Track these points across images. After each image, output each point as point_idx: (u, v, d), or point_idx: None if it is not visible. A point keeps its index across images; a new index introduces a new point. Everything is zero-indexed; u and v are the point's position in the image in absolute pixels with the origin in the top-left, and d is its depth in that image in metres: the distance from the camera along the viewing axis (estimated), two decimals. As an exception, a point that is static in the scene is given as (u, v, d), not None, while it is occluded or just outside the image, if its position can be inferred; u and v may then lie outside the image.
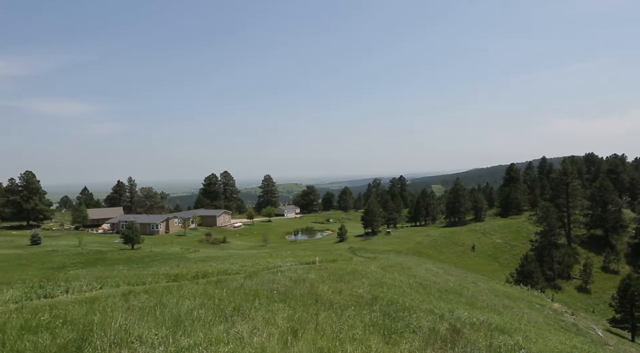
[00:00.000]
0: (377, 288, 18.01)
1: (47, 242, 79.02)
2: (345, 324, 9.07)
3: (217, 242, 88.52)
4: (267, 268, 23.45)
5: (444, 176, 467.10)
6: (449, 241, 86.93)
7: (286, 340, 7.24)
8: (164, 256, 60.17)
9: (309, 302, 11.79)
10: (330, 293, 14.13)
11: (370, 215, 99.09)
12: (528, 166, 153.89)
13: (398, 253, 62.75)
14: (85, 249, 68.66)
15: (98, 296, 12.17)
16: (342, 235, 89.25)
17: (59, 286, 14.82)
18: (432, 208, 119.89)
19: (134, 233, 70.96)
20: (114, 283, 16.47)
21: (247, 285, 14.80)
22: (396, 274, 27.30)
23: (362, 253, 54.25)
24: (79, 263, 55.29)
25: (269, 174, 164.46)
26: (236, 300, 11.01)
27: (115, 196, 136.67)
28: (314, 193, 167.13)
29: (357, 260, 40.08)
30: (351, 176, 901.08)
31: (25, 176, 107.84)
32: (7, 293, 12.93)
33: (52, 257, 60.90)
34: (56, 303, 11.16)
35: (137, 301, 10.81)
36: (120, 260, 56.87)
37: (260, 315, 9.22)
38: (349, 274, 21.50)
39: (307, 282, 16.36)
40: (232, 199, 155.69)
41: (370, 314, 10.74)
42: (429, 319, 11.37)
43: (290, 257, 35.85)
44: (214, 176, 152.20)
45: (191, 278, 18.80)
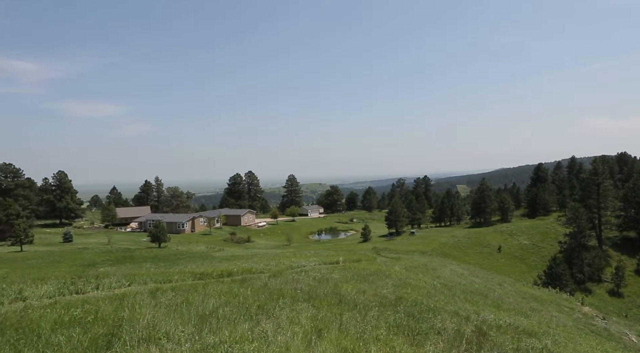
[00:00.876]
0: (401, 288, 17.88)
1: (79, 240, 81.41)
2: (369, 324, 9.04)
3: (242, 241, 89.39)
4: (290, 268, 23.59)
5: (469, 176, 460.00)
6: (475, 242, 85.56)
7: (310, 340, 7.27)
8: (189, 255, 61.12)
9: (332, 302, 11.80)
10: (354, 293, 14.11)
11: (394, 215, 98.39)
12: (557, 166, 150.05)
13: (422, 254, 62.13)
14: (114, 247, 70.39)
15: (127, 293, 12.48)
16: (365, 235, 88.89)
17: (90, 283, 15.26)
18: (457, 208, 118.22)
19: (161, 231, 72.34)
20: (142, 281, 16.86)
21: (272, 284, 14.91)
22: (420, 275, 27.07)
23: (386, 254, 53.95)
24: (108, 260, 56.68)
25: (292, 174, 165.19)
26: (260, 299, 11.11)
27: (143, 195, 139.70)
28: (338, 193, 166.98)
29: (381, 260, 39.90)
30: (375, 176, 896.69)
31: (58, 175, 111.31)
32: (41, 289, 13.40)
33: (83, 254, 62.64)
34: (87, 299, 11.50)
35: (164, 299, 11.03)
36: (147, 258, 58.04)
37: (285, 314, 9.28)
38: (373, 274, 21.42)
39: (331, 282, 16.38)
40: (256, 199, 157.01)
41: (394, 315, 10.67)
42: (454, 321, 11.22)
43: (314, 257, 35.94)
44: (239, 176, 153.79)
45: (216, 276, 19.08)
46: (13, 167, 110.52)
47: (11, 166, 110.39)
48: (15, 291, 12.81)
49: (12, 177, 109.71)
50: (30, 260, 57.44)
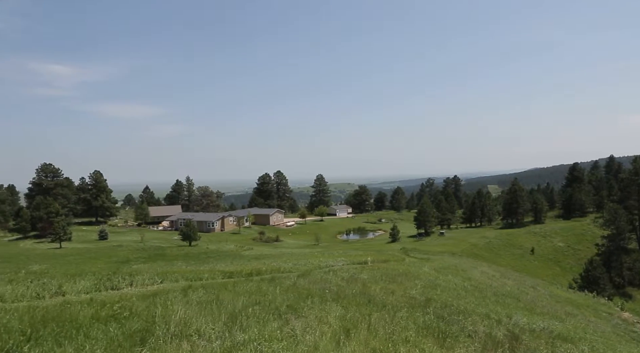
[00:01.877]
0: (431, 290, 17.68)
1: (113, 237, 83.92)
2: (398, 326, 8.98)
3: (270, 240, 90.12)
4: (319, 267, 23.66)
5: (501, 176, 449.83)
6: (506, 244, 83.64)
7: (339, 340, 7.28)
8: (219, 254, 62.08)
9: (361, 302, 11.78)
10: (383, 294, 14.04)
11: (423, 215, 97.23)
12: (594, 166, 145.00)
13: (452, 255, 61.16)
14: (147, 245, 72.23)
15: (159, 290, 12.80)
16: (394, 235, 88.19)
17: (124, 280, 15.72)
18: (488, 208, 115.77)
19: (192, 230, 73.76)
20: (173, 278, 17.25)
21: (300, 283, 14.99)
22: (450, 276, 26.67)
23: (415, 254, 53.38)
24: (141, 258, 58.19)
25: (321, 174, 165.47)
26: (289, 298, 11.20)
27: (174, 194, 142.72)
28: (366, 192, 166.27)
29: (410, 260, 39.50)
30: (404, 175, 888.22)
31: (94, 175, 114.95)
32: (79, 284, 13.90)
33: (118, 252, 64.54)
34: (122, 295, 11.86)
35: (195, 296, 11.26)
36: (178, 256, 59.27)
37: (313, 313, 9.32)
38: (402, 275, 21.26)
39: (359, 282, 16.34)
40: (285, 199, 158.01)
41: (423, 316, 10.56)
42: (485, 324, 11.02)
43: (342, 257, 35.92)
44: (268, 176, 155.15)
45: (245, 275, 19.32)
46: (53, 167, 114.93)
47: (51, 166, 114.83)
48: (56, 286, 13.34)
49: (52, 176, 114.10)
50: (68, 256, 59.62)
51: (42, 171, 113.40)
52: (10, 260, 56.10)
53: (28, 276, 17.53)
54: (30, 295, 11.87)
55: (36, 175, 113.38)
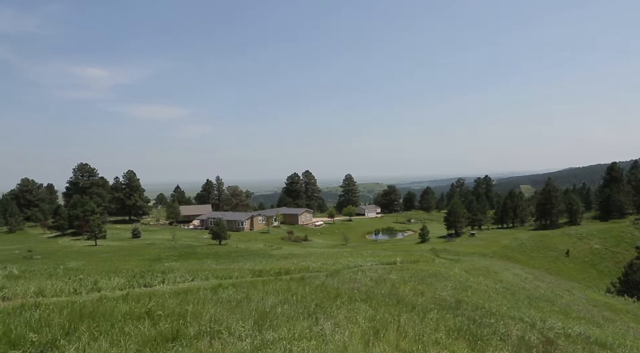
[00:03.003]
0: (461, 291, 17.38)
1: (146, 236, 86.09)
2: (428, 327, 8.84)
3: (299, 240, 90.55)
4: (347, 267, 23.59)
5: (534, 176, 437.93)
6: (540, 245, 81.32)
7: (368, 340, 7.23)
8: (248, 252, 62.78)
9: (390, 303, 11.67)
10: (412, 295, 13.88)
11: (454, 216, 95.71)
12: (633, 165, 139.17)
13: (483, 256, 59.96)
14: (178, 243, 73.76)
15: (190, 288, 13.02)
16: (423, 235, 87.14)
17: (156, 277, 16.06)
18: (520, 209, 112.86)
19: (221, 229, 74.86)
20: (203, 276, 17.51)
21: (329, 283, 14.98)
22: (481, 278, 26.16)
23: (445, 255, 52.63)
24: (173, 256, 59.45)
25: (349, 174, 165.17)
26: (318, 298, 11.20)
27: (204, 194, 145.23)
28: (395, 192, 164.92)
29: (440, 261, 38.97)
30: (433, 175, 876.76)
31: (127, 175, 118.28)
32: (114, 281, 14.28)
33: (150, 250, 66.14)
34: (154, 292, 12.11)
35: (225, 295, 11.39)
36: (209, 255, 60.25)
37: (342, 313, 9.29)
38: (431, 276, 20.98)
39: (388, 282, 16.21)
40: (314, 198, 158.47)
41: (454, 318, 10.37)
42: (518, 327, 10.73)
43: (371, 257, 35.74)
44: (296, 175, 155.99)
45: (274, 274, 19.45)
46: (89, 167, 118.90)
47: (87, 166, 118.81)
48: (92, 282, 13.75)
49: (87, 176, 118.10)
50: (103, 253, 61.50)
51: (78, 170, 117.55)
52: (49, 256, 58.34)
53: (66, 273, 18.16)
54: (68, 291, 12.27)
55: (73, 175, 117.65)
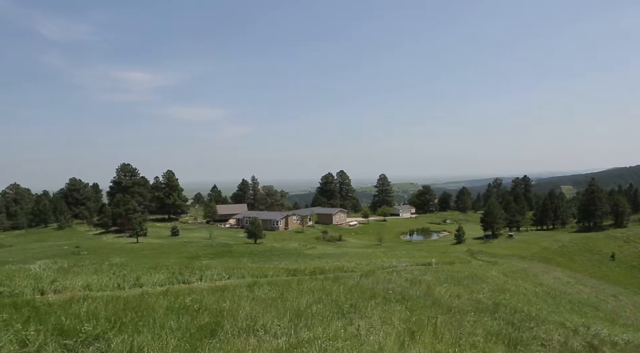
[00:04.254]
0: (499, 294, 16.99)
1: (184, 234, 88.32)
2: (465, 330, 8.71)
3: (333, 240, 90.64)
4: (382, 268, 23.48)
5: (576, 176, 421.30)
6: (582, 248, 78.20)
7: (403, 341, 7.19)
8: (283, 252, 63.38)
9: (425, 304, 11.56)
10: (448, 297, 13.69)
11: (491, 217, 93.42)
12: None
13: (521, 259, 58.28)
14: (215, 241, 75.28)
15: (227, 286, 13.31)
16: (459, 236, 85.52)
17: (194, 274, 16.47)
18: (561, 210, 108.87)
19: (257, 228, 75.86)
20: (239, 275, 17.83)
21: (363, 283, 14.97)
22: (520, 281, 25.47)
23: (482, 257, 51.53)
24: (210, 254, 60.72)
25: (384, 174, 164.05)
26: (353, 298, 11.21)
27: (240, 193, 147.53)
28: (430, 192, 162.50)
29: (476, 263, 38.22)
30: (469, 175, 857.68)
31: (167, 174, 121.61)
32: (154, 277, 14.78)
33: (188, 247, 67.82)
34: (193, 288, 12.46)
35: (261, 293, 11.58)
36: (244, 253, 61.21)
37: (377, 314, 9.28)
38: (468, 278, 20.61)
39: (424, 284, 16.04)
40: (348, 198, 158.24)
41: (492, 321, 10.18)
42: (560, 333, 10.41)
43: (406, 257, 35.43)
44: (330, 175, 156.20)
45: (309, 273, 19.59)
46: (130, 167, 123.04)
47: (129, 166, 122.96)
48: (134, 278, 14.26)
49: (129, 176, 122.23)
50: (144, 250, 63.56)
51: (121, 170, 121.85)
52: (95, 252, 60.83)
53: (110, 268, 18.91)
54: (112, 285, 12.79)
55: (116, 174, 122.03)
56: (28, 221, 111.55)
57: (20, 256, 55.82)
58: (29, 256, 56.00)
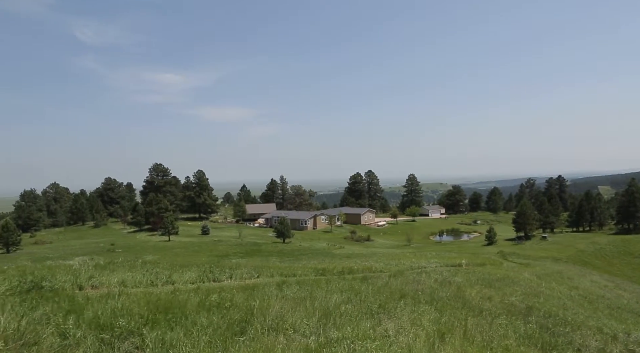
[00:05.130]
0: (532, 297, 16.56)
1: (214, 233, 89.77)
2: (496, 333, 8.53)
3: (361, 240, 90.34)
4: (411, 268, 23.26)
5: (614, 176, 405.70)
6: (622, 251, 75.23)
7: (433, 343, 7.10)
8: (311, 251, 63.58)
9: (456, 306, 11.39)
10: (479, 299, 13.45)
11: (523, 218, 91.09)
12: None
13: (556, 261, 56.61)
14: (244, 240, 76.21)
15: (256, 284, 13.46)
16: (490, 237, 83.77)
17: (224, 273, 16.73)
18: (598, 212, 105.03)
19: (285, 228, 76.38)
20: (269, 273, 18.01)
21: (392, 284, 14.86)
22: (554, 284, 24.74)
23: (514, 259, 50.37)
24: (239, 253, 61.54)
25: (413, 174, 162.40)
26: (382, 298, 11.16)
27: (269, 193, 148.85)
28: (460, 193, 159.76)
29: (508, 265, 37.37)
30: (500, 175, 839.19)
31: (197, 174, 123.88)
32: (185, 275, 15.09)
33: (218, 246, 68.91)
34: (223, 287, 12.66)
35: (290, 292, 11.66)
36: (273, 252, 61.74)
37: (406, 315, 9.19)
38: (499, 280, 20.17)
39: (454, 285, 15.80)
40: (376, 198, 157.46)
41: (525, 325, 9.93)
42: (597, 338, 10.07)
43: (435, 258, 35.00)
44: (359, 175, 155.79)
45: (337, 273, 19.59)
46: (162, 166, 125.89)
47: (161, 165, 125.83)
48: (166, 275, 14.61)
49: (162, 175, 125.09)
50: (175, 248, 64.98)
51: (153, 170, 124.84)
52: (129, 249, 62.61)
53: (144, 266, 19.39)
54: (146, 282, 13.13)
55: (149, 174, 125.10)
56: (67, 219, 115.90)
57: (59, 253, 58.05)
58: (67, 252, 58.20)
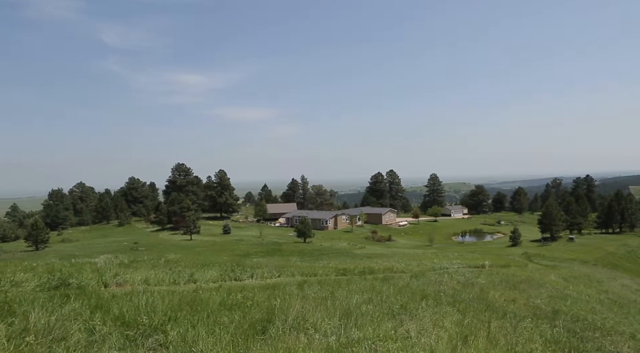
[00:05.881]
0: (558, 300, 16.16)
1: (235, 232, 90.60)
2: (521, 337, 8.35)
3: (382, 240, 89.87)
4: (432, 269, 23.02)
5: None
6: (654, 254, 72.91)
7: (455, 345, 6.99)
8: (332, 251, 63.51)
9: (479, 308, 11.20)
10: (503, 301, 13.20)
11: (549, 218, 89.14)
12: None
13: (583, 263, 55.18)
14: (265, 240, 76.68)
15: (277, 284, 13.51)
16: (515, 238, 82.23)
17: (246, 272, 16.86)
18: (629, 212, 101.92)
19: (306, 227, 76.53)
20: (289, 273, 18.07)
21: (414, 284, 14.72)
22: (582, 287, 24.11)
23: (539, 260, 49.32)
24: (260, 252, 61.90)
25: (435, 173, 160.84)
26: (403, 299, 11.05)
27: (290, 192, 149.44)
28: (484, 192, 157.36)
29: (533, 267, 36.64)
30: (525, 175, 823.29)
31: (219, 174, 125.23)
32: (207, 273, 15.26)
33: (239, 245, 69.47)
34: (244, 286, 12.74)
35: (311, 291, 11.65)
36: (294, 252, 61.89)
37: (428, 316, 9.08)
38: (524, 282, 19.78)
39: (477, 287, 15.56)
40: (398, 198, 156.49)
41: (551, 329, 9.69)
42: (630, 345, 9.76)
43: (457, 259, 34.60)
44: (380, 175, 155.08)
45: (358, 273, 19.52)
46: (185, 166, 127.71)
47: (183, 165, 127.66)
48: (188, 274, 14.80)
49: (184, 175, 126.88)
50: (197, 247, 65.79)
51: (176, 170, 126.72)
52: (152, 248, 63.67)
53: (166, 264, 19.70)
54: (168, 281, 13.33)
55: (171, 174, 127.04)
56: (92, 217, 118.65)
57: (85, 251, 59.47)
58: (93, 250, 59.57)
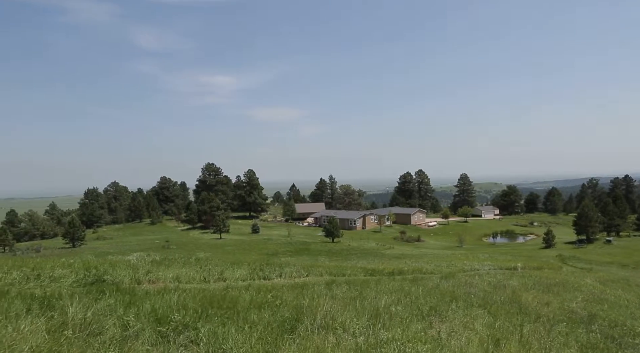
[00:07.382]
0: (595, 304, 15.61)
1: (264, 231, 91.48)
2: (555, 341, 8.11)
3: (411, 240, 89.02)
4: (463, 270, 22.66)
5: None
6: (700, 257, 69.54)
7: (487, 349, 6.85)
8: (360, 251, 63.32)
9: (511, 311, 10.94)
10: (536, 304, 12.84)
11: (585, 220, 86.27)
12: None
13: (622, 267, 53.16)
14: (293, 239, 77.13)
15: (306, 283, 13.56)
16: (548, 240, 80.00)
17: (274, 271, 16.99)
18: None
19: (334, 227, 76.56)
20: (318, 273, 18.10)
21: (443, 285, 14.52)
22: (620, 291, 23.21)
23: (574, 263, 47.90)
24: (288, 251, 62.31)
25: (465, 173, 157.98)
26: (432, 300, 10.91)
27: (318, 192, 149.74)
28: (516, 193, 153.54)
29: (568, 269, 35.58)
30: (559, 175, 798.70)
31: (248, 173, 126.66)
32: (237, 272, 15.46)
33: (267, 244, 70.13)
34: (273, 285, 12.85)
35: (339, 291, 11.64)
36: (322, 252, 62.01)
37: (458, 318, 8.94)
38: (558, 285, 19.21)
39: (508, 289, 15.20)
40: (427, 198, 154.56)
41: (587, 334, 9.38)
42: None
43: (488, 261, 33.97)
44: (409, 175, 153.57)
45: (387, 274, 19.40)
46: (214, 166, 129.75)
47: (213, 165, 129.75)
48: (218, 272, 15.04)
49: (213, 175, 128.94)
50: (227, 246, 66.77)
51: (206, 169, 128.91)
52: (182, 246, 65.03)
53: (197, 262, 20.07)
54: (199, 279, 13.59)
55: (201, 173, 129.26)
56: (125, 216, 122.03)
57: (119, 248, 61.27)
58: (126, 248, 61.29)
